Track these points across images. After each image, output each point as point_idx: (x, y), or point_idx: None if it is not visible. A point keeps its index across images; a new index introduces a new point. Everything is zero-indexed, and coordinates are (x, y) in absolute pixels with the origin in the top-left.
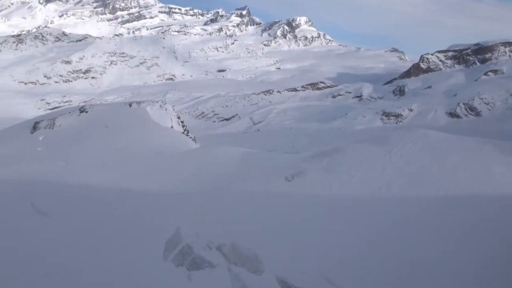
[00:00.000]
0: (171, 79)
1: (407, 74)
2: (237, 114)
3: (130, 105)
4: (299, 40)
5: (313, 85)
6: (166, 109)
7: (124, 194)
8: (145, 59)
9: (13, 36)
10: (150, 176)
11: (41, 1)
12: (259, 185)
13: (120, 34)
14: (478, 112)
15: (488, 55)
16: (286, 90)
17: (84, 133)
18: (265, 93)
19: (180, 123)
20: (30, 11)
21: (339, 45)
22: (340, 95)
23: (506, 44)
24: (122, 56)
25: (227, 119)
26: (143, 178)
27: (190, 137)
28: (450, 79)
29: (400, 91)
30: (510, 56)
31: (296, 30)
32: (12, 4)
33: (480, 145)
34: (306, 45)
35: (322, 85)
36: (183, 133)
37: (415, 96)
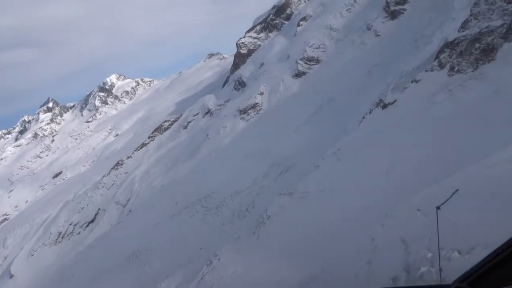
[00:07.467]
0: (6, 219)
1: (235, 66)
2: (99, 209)
3: None
4: (122, 97)
5: (159, 129)
6: None
7: None
8: None
9: None
10: None
11: None
12: None
13: None
14: (317, 59)
15: (288, 11)
16: (135, 150)
17: None
18: (115, 168)
19: None
20: None
21: (163, 80)
22: (189, 122)
23: None
24: None
25: (92, 221)
26: None
27: None
28: (274, 47)
29: (240, 83)
30: (304, 0)
31: (113, 90)
32: None
33: None
34: (131, 98)
35: (167, 124)
36: None
37: (257, 79)
